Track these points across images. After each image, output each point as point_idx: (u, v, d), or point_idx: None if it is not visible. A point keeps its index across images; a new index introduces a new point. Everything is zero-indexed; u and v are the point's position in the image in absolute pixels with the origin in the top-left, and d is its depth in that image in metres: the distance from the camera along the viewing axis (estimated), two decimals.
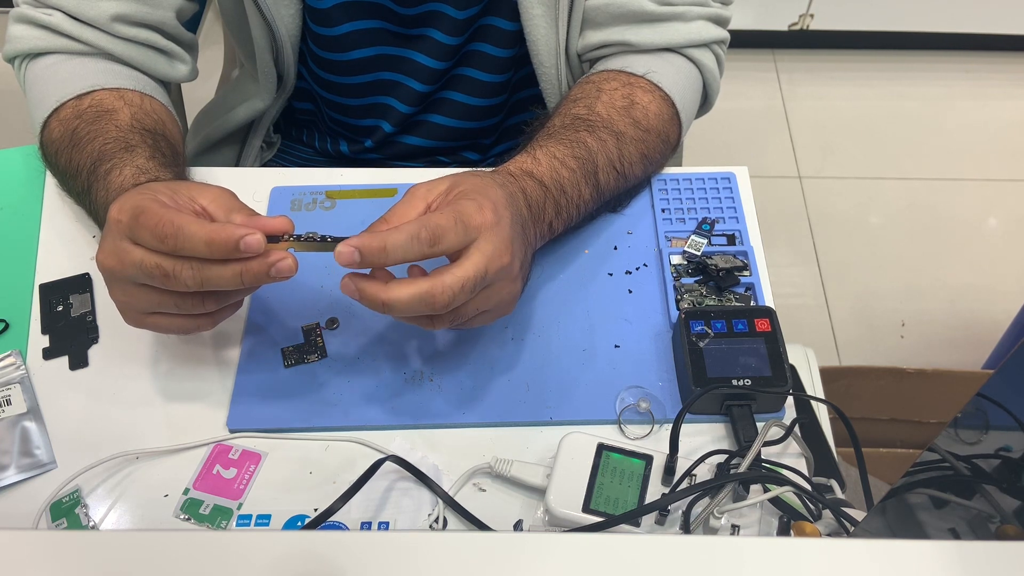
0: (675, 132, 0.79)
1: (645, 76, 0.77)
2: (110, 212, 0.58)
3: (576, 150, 0.70)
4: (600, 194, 0.73)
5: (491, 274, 0.58)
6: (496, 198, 0.61)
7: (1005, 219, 1.86)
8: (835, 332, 1.69)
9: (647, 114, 0.76)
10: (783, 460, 0.63)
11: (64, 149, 0.71)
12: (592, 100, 0.75)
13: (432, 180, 0.63)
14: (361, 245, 0.55)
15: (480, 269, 0.57)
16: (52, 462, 0.65)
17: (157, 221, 0.55)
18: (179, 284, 0.56)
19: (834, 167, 1.96)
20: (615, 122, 0.74)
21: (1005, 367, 0.40)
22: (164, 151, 0.71)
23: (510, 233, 0.60)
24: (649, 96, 0.77)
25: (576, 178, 0.70)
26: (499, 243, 0.59)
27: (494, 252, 0.58)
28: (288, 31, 0.82)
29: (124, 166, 0.67)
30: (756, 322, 0.67)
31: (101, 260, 0.58)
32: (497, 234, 0.59)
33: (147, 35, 0.77)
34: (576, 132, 0.72)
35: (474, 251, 0.58)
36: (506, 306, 0.63)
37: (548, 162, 0.69)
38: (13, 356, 0.70)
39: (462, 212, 0.58)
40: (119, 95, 0.74)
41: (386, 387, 0.68)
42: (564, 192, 0.69)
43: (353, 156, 0.96)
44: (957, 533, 0.46)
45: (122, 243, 0.57)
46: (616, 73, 0.78)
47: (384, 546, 0.45)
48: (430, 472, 0.63)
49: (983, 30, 2.07)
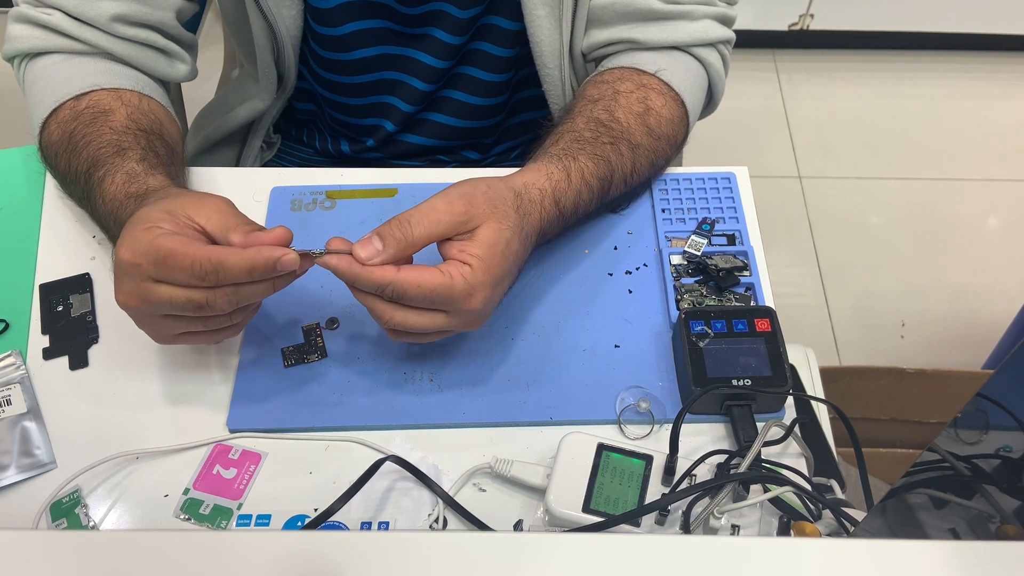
0: (683, 133, 0.80)
1: (656, 75, 0.77)
2: (120, 254, 0.58)
3: (600, 168, 0.71)
4: (605, 204, 0.74)
5: (454, 303, 0.60)
6: (498, 278, 0.61)
7: (1005, 219, 1.86)
8: (835, 332, 1.69)
9: (660, 121, 0.76)
10: (783, 460, 0.63)
11: (63, 152, 0.71)
12: (610, 103, 0.75)
13: (474, 204, 0.62)
14: (337, 270, 0.60)
15: (441, 292, 0.59)
16: (52, 462, 0.65)
17: (192, 262, 0.56)
18: (214, 311, 0.58)
19: (834, 167, 1.96)
20: (633, 132, 0.74)
21: (1005, 367, 0.40)
22: (158, 151, 0.71)
23: (489, 310, 0.62)
24: (662, 99, 0.77)
25: (593, 198, 0.71)
26: (481, 295, 0.60)
27: (468, 292, 0.60)
28: (289, 31, 0.82)
29: (116, 172, 0.67)
30: (756, 322, 0.67)
31: (124, 302, 0.59)
32: (482, 290, 0.60)
33: (147, 35, 0.77)
34: (603, 146, 0.72)
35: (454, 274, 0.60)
36: (465, 327, 0.64)
37: (577, 185, 0.69)
38: (13, 356, 0.70)
39: (438, 293, 0.59)
40: (117, 95, 0.74)
41: (386, 387, 0.68)
42: (577, 213, 0.70)
43: (354, 155, 0.96)
44: (957, 533, 0.46)
45: (144, 284, 0.57)
46: (628, 71, 0.78)
47: (384, 546, 0.45)
48: (430, 472, 0.63)
49: (983, 30, 2.07)
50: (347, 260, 0.59)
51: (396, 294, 0.59)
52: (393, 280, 0.58)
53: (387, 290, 0.59)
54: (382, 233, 0.60)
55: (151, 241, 0.57)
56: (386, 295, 0.59)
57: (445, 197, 0.62)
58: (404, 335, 0.63)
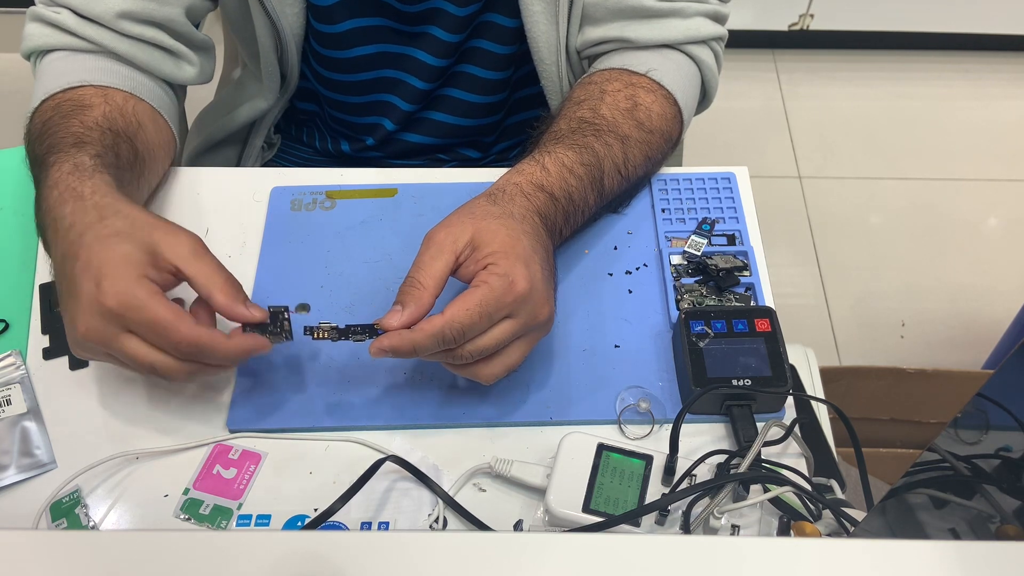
0: (677, 130, 0.79)
1: (647, 75, 0.77)
2: (104, 299, 0.56)
3: (584, 156, 0.71)
4: (603, 198, 0.73)
5: (518, 308, 0.60)
6: (525, 255, 0.61)
7: (1005, 219, 1.86)
8: (835, 332, 1.69)
9: (650, 115, 0.76)
10: (783, 460, 0.63)
11: (34, 140, 0.71)
12: (596, 102, 0.75)
13: (451, 224, 0.63)
14: (393, 348, 0.59)
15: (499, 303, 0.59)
16: (52, 462, 0.65)
17: (180, 339, 0.57)
18: (167, 378, 0.60)
19: (834, 167, 1.96)
20: (620, 125, 0.74)
21: (1005, 367, 0.40)
22: (120, 153, 0.70)
23: (543, 287, 0.62)
24: (652, 96, 0.77)
25: (583, 185, 0.70)
26: (534, 295, 0.61)
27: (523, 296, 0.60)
28: (292, 29, 0.82)
29: (66, 161, 0.65)
30: (756, 322, 0.67)
31: (83, 334, 0.57)
32: (530, 288, 0.60)
33: (153, 33, 0.77)
34: (584, 137, 0.72)
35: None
36: (544, 332, 0.64)
37: (557, 171, 0.69)
38: (13, 356, 0.70)
39: (487, 302, 0.59)
40: (103, 93, 0.73)
41: (386, 387, 0.68)
42: (572, 201, 0.70)
43: (354, 155, 0.96)
44: (957, 533, 0.46)
45: (114, 330, 0.57)
46: (618, 72, 0.78)
47: (384, 546, 0.45)
48: (430, 472, 0.63)
49: (983, 30, 2.07)
50: (397, 335, 0.59)
51: (455, 331, 0.58)
52: (445, 321, 0.58)
53: (446, 333, 0.58)
54: (397, 300, 0.60)
55: (144, 299, 0.57)
56: (448, 340, 0.58)
57: (426, 242, 0.63)
58: (492, 365, 0.62)
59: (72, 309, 0.58)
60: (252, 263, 0.75)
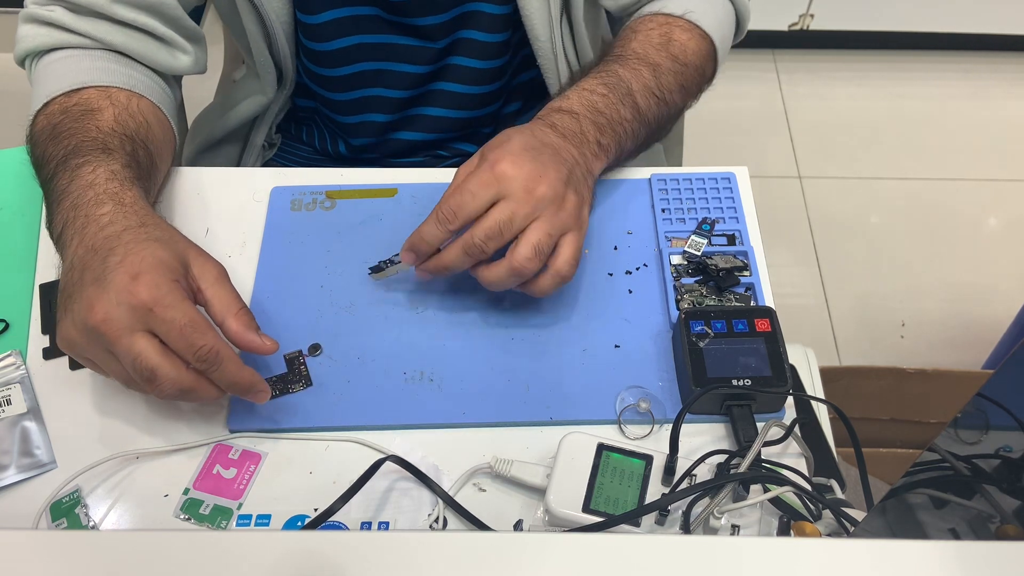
0: (712, 67, 0.82)
1: (684, 16, 0.79)
2: (137, 289, 0.57)
3: (605, 78, 0.73)
4: (642, 117, 0.75)
5: (505, 186, 0.63)
6: (508, 144, 0.65)
7: (1005, 219, 1.86)
8: (835, 332, 1.69)
9: (685, 50, 0.78)
10: (783, 460, 0.63)
11: (42, 141, 0.71)
12: (627, 41, 0.78)
13: (471, 158, 0.67)
14: (411, 246, 0.67)
15: (489, 180, 0.63)
16: (52, 462, 0.65)
17: (204, 342, 0.57)
18: (160, 389, 0.58)
19: (834, 167, 1.96)
20: (650, 55, 0.76)
21: (1005, 367, 0.40)
22: (140, 160, 0.71)
23: (531, 167, 0.64)
24: (688, 35, 0.79)
25: (609, 100, 0.72)
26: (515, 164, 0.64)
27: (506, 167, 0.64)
28: (279, 18, 0.81)
29: (99, 165, 0.66)
30: (756, 322, 0.67)
31: (100, 321, 0.57)
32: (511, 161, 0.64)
33: (145, 20, 0.76)
34: (606, 65, 0.75)
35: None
36: (568, 218, 0.66)
37: (577, 95, 0.72)
38: (13, 356, 0.70)
39: (460, 175, 0.65)
40: (106, 94, 0.74)
41: (386, 387, 0.68)
42: (600, 112, 0.72)
43: (351, 155, 0.96)
44: (957, 533, 0.46)
45: (129, 321, 0.57)
46: (653, 16, 0.80)
47: (384, 546, 0.45)
48: (430, 472, 0.63)
49: (983, 30, 2.07)
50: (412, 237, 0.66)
51: (447, 211, 0.64)
52: (434, 209, 0.64)
53: (441, 213, 0.64)
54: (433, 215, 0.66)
55: (179, 299, 0.58)
56: (444, 220, 0.64)
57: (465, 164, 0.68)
58: (538, 274, 0.65)
59: (91, 296, 0.58)
60: (252, 263, 0.75)
